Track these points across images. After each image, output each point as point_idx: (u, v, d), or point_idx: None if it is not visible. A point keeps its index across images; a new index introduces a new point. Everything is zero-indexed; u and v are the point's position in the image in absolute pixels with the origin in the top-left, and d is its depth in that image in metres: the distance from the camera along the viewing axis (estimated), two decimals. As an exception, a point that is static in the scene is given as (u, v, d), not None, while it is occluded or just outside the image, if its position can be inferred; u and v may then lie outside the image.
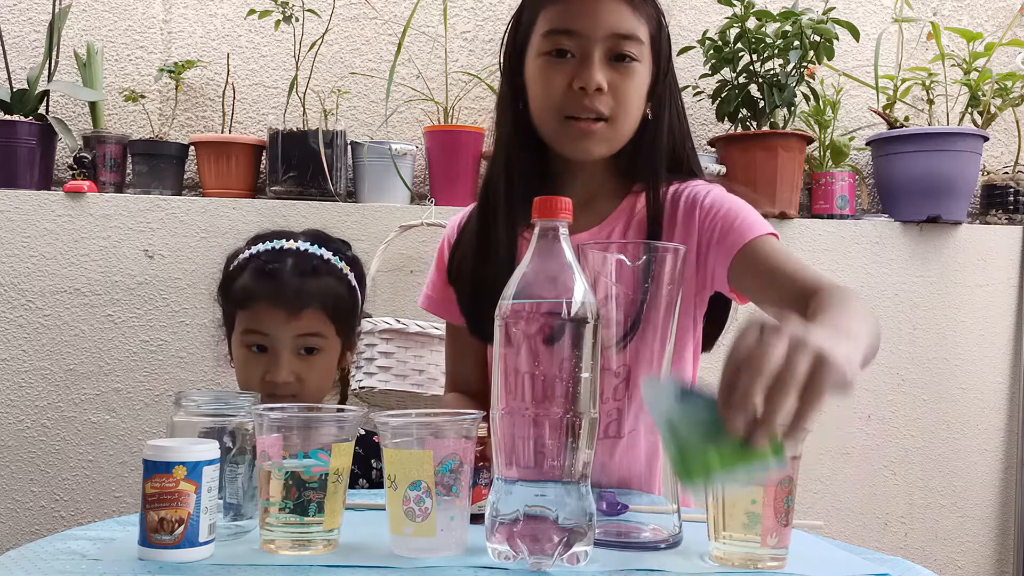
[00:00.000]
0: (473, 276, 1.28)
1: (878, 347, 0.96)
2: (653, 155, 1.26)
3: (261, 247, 1.46)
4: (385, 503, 0.88)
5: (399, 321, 1.79)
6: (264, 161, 2.18)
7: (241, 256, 1.48)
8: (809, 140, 2.26)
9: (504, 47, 1.29)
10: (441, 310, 1.41)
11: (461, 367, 1.43)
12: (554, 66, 1.20)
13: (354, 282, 1.50)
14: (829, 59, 2.17)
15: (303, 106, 2.13)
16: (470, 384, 1.41)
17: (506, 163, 1.28)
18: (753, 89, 2.21)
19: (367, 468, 1.51)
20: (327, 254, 1.47)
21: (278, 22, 2.09)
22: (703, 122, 2.39)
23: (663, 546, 0.92)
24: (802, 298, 1.01)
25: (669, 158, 1.27)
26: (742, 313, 1.28)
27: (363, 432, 1.49)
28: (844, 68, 2.35)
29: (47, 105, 2.15)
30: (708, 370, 1.10)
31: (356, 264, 1.53)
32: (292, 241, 1.46)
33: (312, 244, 1.47)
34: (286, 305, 1.38)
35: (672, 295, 0.95)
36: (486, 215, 1.29)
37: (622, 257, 0.94)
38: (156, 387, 2.00)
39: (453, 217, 1.43)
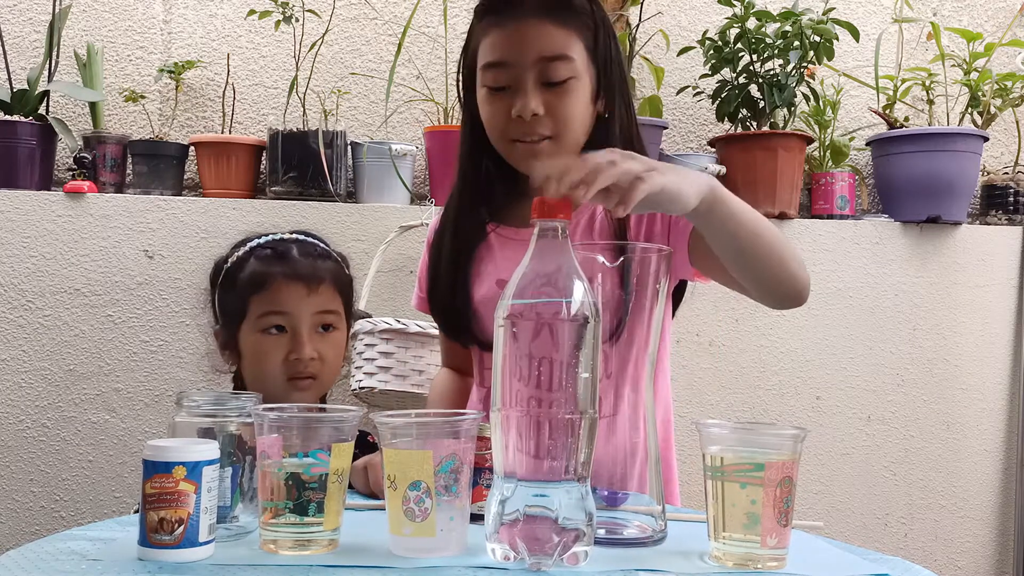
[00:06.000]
0: (435, 277, 1.39)
1: (765, 229, 1.08)
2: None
3: (258, 240, 1.48)
4: (385, 503, 0.88)
5: (399, 321, 1.79)
6: (264, 161, 2.18)
7: (239, 252, 1.48)
8: (809, 140, 2.26)
9: (459, 73, 1.37)
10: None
11: (448, 357, 1.54)
12: (494, 98, 1.27)
13: (349, 272, 1.54)
14: (829, 59, 2.17)
15: (303, 106, 2.13)
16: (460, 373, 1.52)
17: (462, 178, 1.37)
18: (753, 89, 2.21)
19: None
20: (322, 244, 1.51)
21: (278, 22, 2.09)
22: (703, 122, 2.38)
23: (648, 542, 0.93)
24: None
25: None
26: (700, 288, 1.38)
27: (358, 432, 1.49)
28: (844, 68, 2.35)
29: (47, 105, 2.15)
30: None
31: (346, 259, 1.57)
32: (286, 234, 1.50)
33: (306, 236, 1.52)
34: (304, 280, 1.42)
35: (655, 292, 0.98)
36: (444, 223, 1.40)
37: (602, 258, 0.96)
38: (156, 387, 2.00)
39: (435, 218, 1.50)
